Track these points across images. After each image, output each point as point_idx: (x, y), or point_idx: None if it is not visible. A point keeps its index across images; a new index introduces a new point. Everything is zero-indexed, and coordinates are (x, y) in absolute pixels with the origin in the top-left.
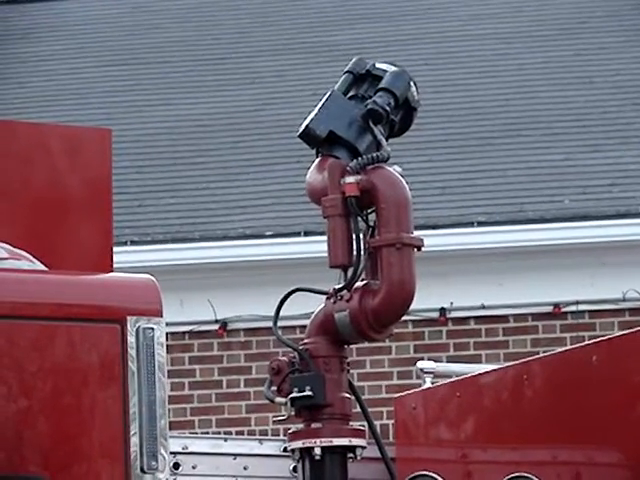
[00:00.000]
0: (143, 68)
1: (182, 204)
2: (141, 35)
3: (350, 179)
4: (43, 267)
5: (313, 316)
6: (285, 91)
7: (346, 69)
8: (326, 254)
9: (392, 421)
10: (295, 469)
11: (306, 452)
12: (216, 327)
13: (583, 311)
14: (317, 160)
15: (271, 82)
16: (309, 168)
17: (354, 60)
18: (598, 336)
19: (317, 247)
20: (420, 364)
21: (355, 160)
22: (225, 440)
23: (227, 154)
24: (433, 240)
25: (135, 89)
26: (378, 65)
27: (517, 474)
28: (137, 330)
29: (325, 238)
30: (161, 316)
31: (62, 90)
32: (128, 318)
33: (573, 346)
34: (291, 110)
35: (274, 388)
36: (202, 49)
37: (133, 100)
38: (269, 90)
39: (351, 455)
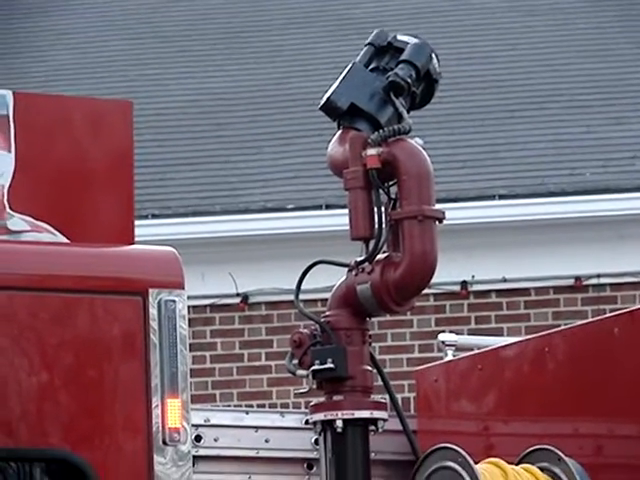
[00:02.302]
0: (165, 42)
1: (203, 177)
2: (163, 8)
3: (371, 151)
4: (65, 240)
5: (335, 289)
6: (307, 64)
7: (367, 41)
8: (347, 227)
9: (413, 394)
10: (317, 442)
11: (328, 425)
12: (237, 300)
13: (604, 284)
14: (338, 133)
15: (293, 56)
16: (330, 141)
17: (375, 32)
18: (619, 309)
19: (338, 220)
20: (442, 337)
21: (376, 132)
22: (247, 413)
23: (248, 127)
24: (454, 213)
25: (157, 63)
26: (399, 37)
27: (538, 446)
28: (159, 302)
29: (346, 211)
30: (183, 288)
31: (84, 63)
32: (150, 290)
33: (594, 318)
34: (312, 83)
35: (296, 361)
36: (223, 23)
37: (155, 74)
38: (290, 64)
39: (373, 428)
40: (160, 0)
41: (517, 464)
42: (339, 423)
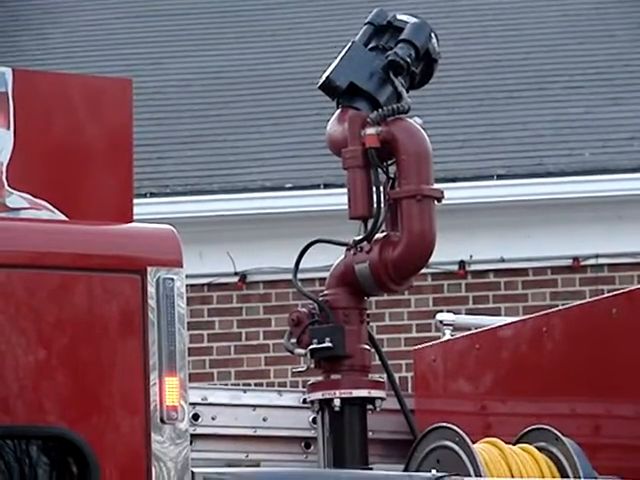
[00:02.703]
0: (163, 20)
1: (201, 156)
2: None
3: (370, 130)
4: (64, 217)
5: (333, 268)
6: (305, 43)
7: (367, 20)
8: (346, 206)
9: (411, 374)
10: (314, 420)
11: (325, 403)
12: (235, 279)
13: (602, 264)
14: (337, 112)
15: (291, 34)
16: (329, 120)
17: (375, 11)
18: (617, 289)
19: (337, 199)
20: (440, 316)
21: (375, 111)
22: (244, 392)
23: (247, 106)
24: (453, 193)
25: (155, 41)
26: (399, 17)
27: (536, 426)
28: (157, 280)
29: (345, 191)
30: (181, 266)
31: (83, 41)
32: (148, 268)
33: (593, 298)
34: (311, 62)
35: (294, 340)
36: (222, 1)
37: (153, 52)
38: (289, 42)
39: (370, 407)
40: None
41: (515, 444)
42: (337, 402)
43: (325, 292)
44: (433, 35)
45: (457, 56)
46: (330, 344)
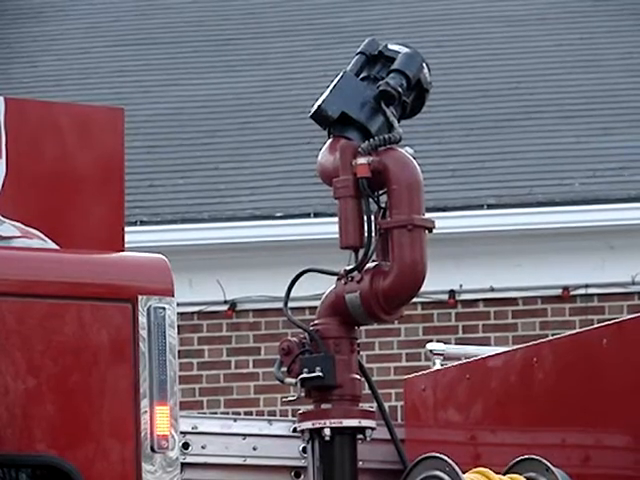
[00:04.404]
0: (153, 48)
1: (192, 184)
2: (151, 15)
3: (362, 160)
4: (55, 246)
5: (324, 297)
6: (295, 72)
7: (358, 50)
8: (336, 235)
9: (400, 403)
10: (304, 450)
11: (316, 433)
12: (225, 308)
13: (592, 294)
14: (329, 141)
15: (281, 63)
16: (319, 149)
17: (367, 41)
18: (607, 319)
19: (327, 228)
20: (430, 346)
21: (367, 141)
22: (235, 420)
23: (237, 135)
24: (443, 222)
25: (145, 69)
26: (391, 46)
27: (526, 456)
28: (148, 309)
29: (335, 219)
30: (172, 296)
31: (72, 69)
32: (139, 297)
33: (583, 329)
34: (301, 91)
35: (284, 369)
36: (211, 30)
37: (143, 80)
38: (279, 71)
39: (361, 436)
40: (148, 7)
41: (505, 474)
42: (327, 431)
43: (316, 321)
44: (425, 65)
45: (447, 85)
46: (320, 374)
